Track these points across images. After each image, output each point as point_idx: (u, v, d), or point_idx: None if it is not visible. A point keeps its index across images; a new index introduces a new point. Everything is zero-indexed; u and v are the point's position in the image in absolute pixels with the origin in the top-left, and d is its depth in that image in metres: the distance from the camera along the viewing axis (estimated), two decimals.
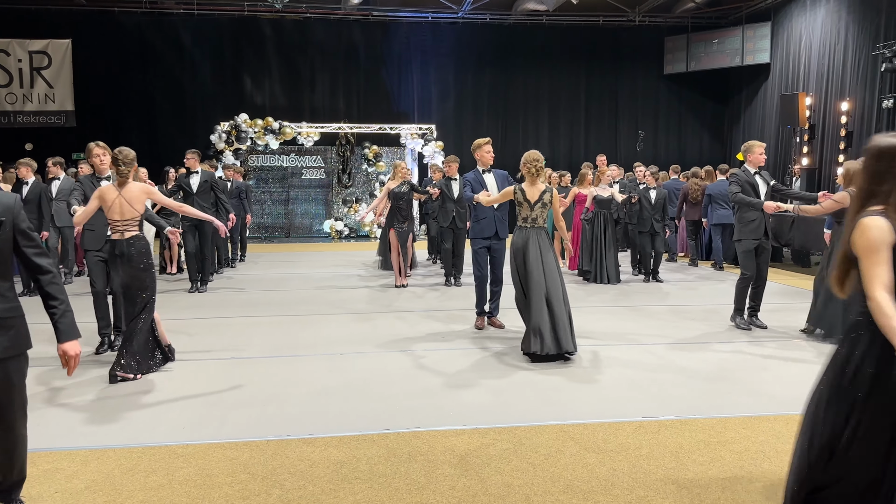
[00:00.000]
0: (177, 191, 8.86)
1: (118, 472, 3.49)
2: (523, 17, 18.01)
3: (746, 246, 6.64)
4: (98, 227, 5.82)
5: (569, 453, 3.69)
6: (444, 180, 9.35)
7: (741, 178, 6.68)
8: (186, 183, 8.84)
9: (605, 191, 9.66)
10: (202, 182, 8.82)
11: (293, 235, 17.29)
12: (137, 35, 17.24)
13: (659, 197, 9.96)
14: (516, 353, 5.81)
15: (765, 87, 17.38)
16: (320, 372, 5.31)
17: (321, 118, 17.40)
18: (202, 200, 8.74)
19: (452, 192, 9.18)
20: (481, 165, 6.75)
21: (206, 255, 9.09)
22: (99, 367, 5.44)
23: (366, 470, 3.51)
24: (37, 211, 8.80)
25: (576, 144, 19.28)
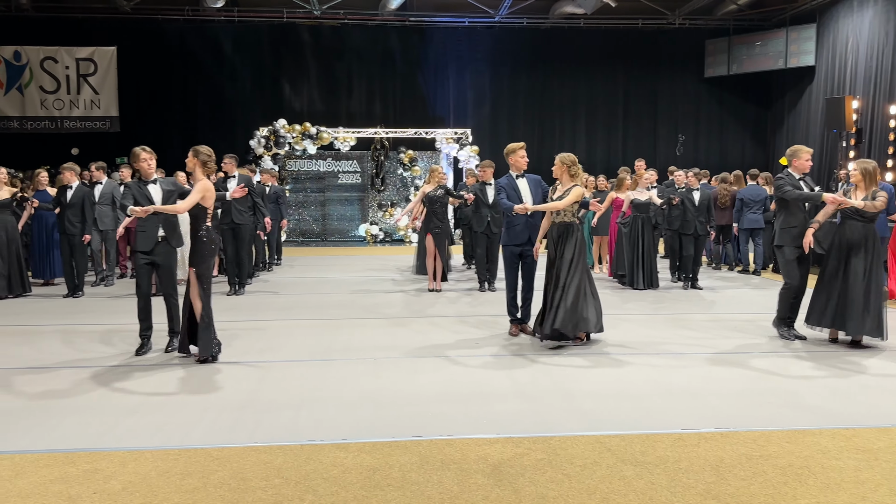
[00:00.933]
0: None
1: (154, 473, 3.53)
2: (560, 20, 17.90)
3: (789, 254, 6.39)
4: (149, 228, 5.89)
5: (605, 465, 3.62)
6: (479, 185, 9.24)
7: (787, 181, 6.41)
8: (224, 187, 8.72)
9: (642, 194, 9.43)
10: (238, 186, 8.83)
11: (329, 239, 17.42)
12: (179, 42, 17.62)
13: (703, 198, 9.65)
14: (552, 362, 5.74)
15: (809, 91, 16.97)
16: (354, 376, 5.31)
17: (358, 123, 17.54)
18: (239, 205, 8.81)
19: (487, 197, 9.08)
20: (514, 171, 6.62)
21: (242, 258, 9.15)
22: (138, 370, 5.53)
23: (398, 477, 3.48)
24: (80, 214, 9.01)
25: (613, 149, 19.08)
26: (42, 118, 17.42)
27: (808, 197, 6.27)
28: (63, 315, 7.81)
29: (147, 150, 6.06)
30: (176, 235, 6.07)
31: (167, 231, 5.97)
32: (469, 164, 16.10)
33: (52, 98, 17.40)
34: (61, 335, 6.73)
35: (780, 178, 6.51)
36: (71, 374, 5.37)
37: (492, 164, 9.33)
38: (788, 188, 6.31)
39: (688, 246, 9.70)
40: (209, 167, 5.81)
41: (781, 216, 6.48)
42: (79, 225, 9.01)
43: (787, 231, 6.37)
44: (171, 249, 6.04)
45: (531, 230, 6.51)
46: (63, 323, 7.37)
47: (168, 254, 6.00)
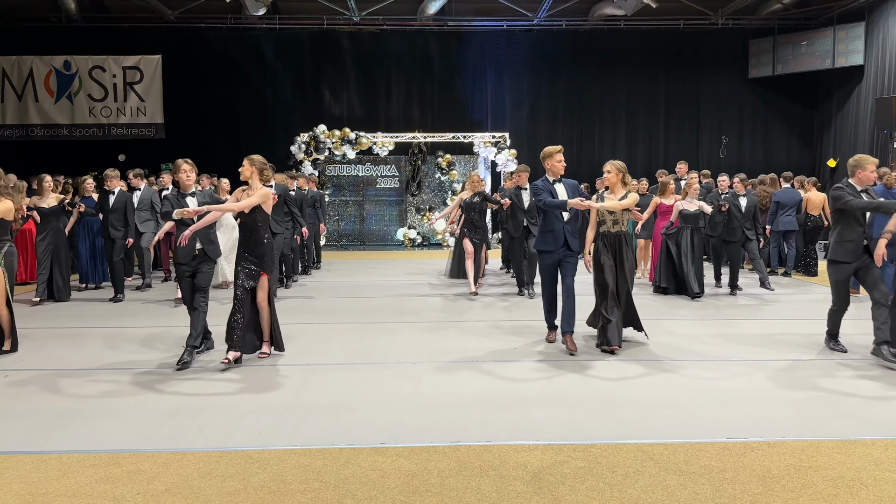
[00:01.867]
0: None
1: (196, 475, 3.57)
2: (600, 22, 17.72)
3: (840, 273, 5.91)
4: (190, 240, 5.89)
5: (648, 474, 3.54)
6: (515, 190, 9.08)
7: (847, 192, 5.82)
8: None
9: (692, 205, 9.06)
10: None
11: (367, 243, 17.53)
12: (222, 49, 17.94)
13: (749, 205, 9.45)
14: (591, 368, 5.66)
15: (858, 90, 16.47)
16: (392, 381, 5.31)
17: (396, 128, 17.62)
18: (274, 214, 8.55)
19: (523, 202, 8.94)
20: (551, 175, 6.32)
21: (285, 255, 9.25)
22: (181, 373, 5.61)
23: (436, 483, 3.46)
24: (123, 219, 9.20)
25: (654, 152, 18.80)
26: (90, 125, 17.91)
27: (880, 206, 5.76)
28: (106, 318, 7.99)
29: (189, 163, 6.13)
30: (214, 247, 6.09)
31: (204, 243, 5.99)
32: (507, 168, 16.03)
33: (100, 106, 17.88)
34: (105, 338, 6.88)
35: (839, 189, 5.92)
36: (115, 377, 5.48)
37: (527, 168, 9.17)
38: (850, 198, 5.75)
39: (733, 253, 9.52)
40: (266, 175, 5.96)
41: (837, 229, 5.96)
42: (122, 229, 9.19)
43: (840, 245, 5.88)
44: (211, 262, 6.06)
45: (569, 236, 6.22)
46: (107, 326, 7.54)
47: (207, 266, 5.99)
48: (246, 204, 5.74)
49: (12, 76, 17.57)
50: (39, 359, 6.05)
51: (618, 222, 6.19)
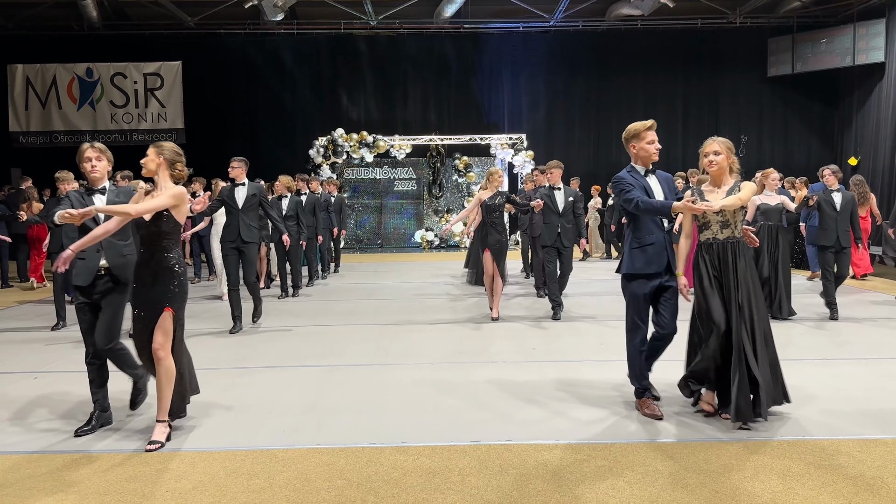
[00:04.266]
0: (218, 206, 7.53)
1: (223, 473, 3.65)
2: (617, 22, 17.69)
3: None
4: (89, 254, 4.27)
5: (667, 473, 3.56)
6: (547, 190, 7.99)
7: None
8: (231, 197, 7.34)
9: (772, 198, 7.57)
10: (249, 196, 7.34)
11: (385, 246, 17.64)
12: (241, 55, 18.16)
13: (846, 201, 7.60)
14: (611, 369, 5.68)
15: (879, 88, 16.29)
16: (411, 381, 5.37)
17: (413, 131, 17.73)
18: (249, 219, 7.33)
19: (557, 204, 7.85)
20: (641, 164, 4.52)
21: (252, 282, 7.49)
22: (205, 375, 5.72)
23: (458, 481, 3.51)
24: None
25: (672, 152, 18.70)
26: (112, 131, 18.19)
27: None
28: None
29: (94, 148, 4.41)
30: (124, 268, 4.32)
31: (111, 259, 4.29)
32: (525, 170, 16.07)
33: (122, 112, 18.17)
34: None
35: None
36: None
37: (560, 164, 8.07)
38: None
39: (827, 262, 7.66)
40: (179, 170, 4.20)
41: None
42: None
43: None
44: (119, 288, 4.28)
45: (671, 253, 4.49)
46: None
47: (112, 294, 4.28)
48: (148, 207, 3.98)
49: (36, 84, 17.91)
50: (66, 361, 6.17)
51: (728, 225, 4.30)
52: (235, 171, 7.37)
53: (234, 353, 6.41)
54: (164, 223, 4.06)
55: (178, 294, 4.10)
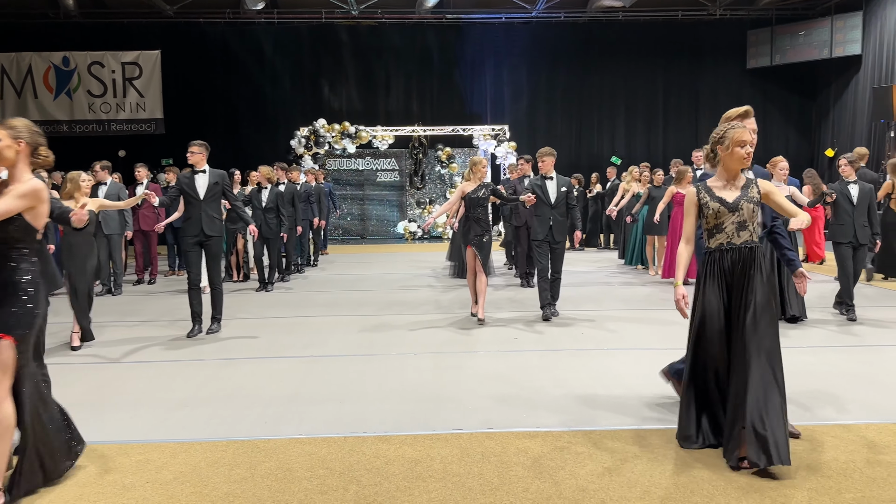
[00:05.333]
0: (177, 196, 6.85)
1: (204, 464, 3.65)
2: (599, 13, 17.75)
3: None
4: None
5: (646, 459, 3.62)
6: (538, 179, 7.40)
7: None
8: (190, 186, 6.59)
9: (781, 189, 6.45)
10: (211, 185, 6.61)
11: (368, 237, 17.61)
12: (221, 44, 18.00)
13: (864, 193, 7.09)
14: (591, 357, 5.74)
15: (856, 80, 16.52)
16: (394, 371, 5.39)
17: (395, 121, 17.69)
18: (211, 210, 6.61)
19: (549, 195, 7.24)
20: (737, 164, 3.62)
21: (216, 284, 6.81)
22: (187, 366, 5.69)
23: (440, 469, 3.54)
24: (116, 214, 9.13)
25: (654, 143, 18.86)
26: (90, 121, 17.97)
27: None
28: (103, 313, 8.07)
29: None
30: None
31: None
32: (507, 161, 16.09)
33: (100, 101, 17.94)
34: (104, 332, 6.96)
35: None
36: (120, 370, 5.56)
37: (553, 152, 7.40)
38: None
39: (844, 258, 7.06)
40: (44, 157, 3.34)
41: None
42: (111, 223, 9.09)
43: None
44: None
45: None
46: (103, 321, 7.62)
47: None
48: None
49: (11, 73, 17.63)
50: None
51: (746, 226, 3.56)
52: (196, 156, 6.57)
53: (215, 344, 6.38)
54: (13, 229, 3.16)
55: (21, 318, 3.14)
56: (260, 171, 9.42)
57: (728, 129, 3.55)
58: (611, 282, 9.97)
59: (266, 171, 9.39)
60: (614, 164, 14.68)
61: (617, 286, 9.59)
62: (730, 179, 3.63)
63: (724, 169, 3.62)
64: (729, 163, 3.58)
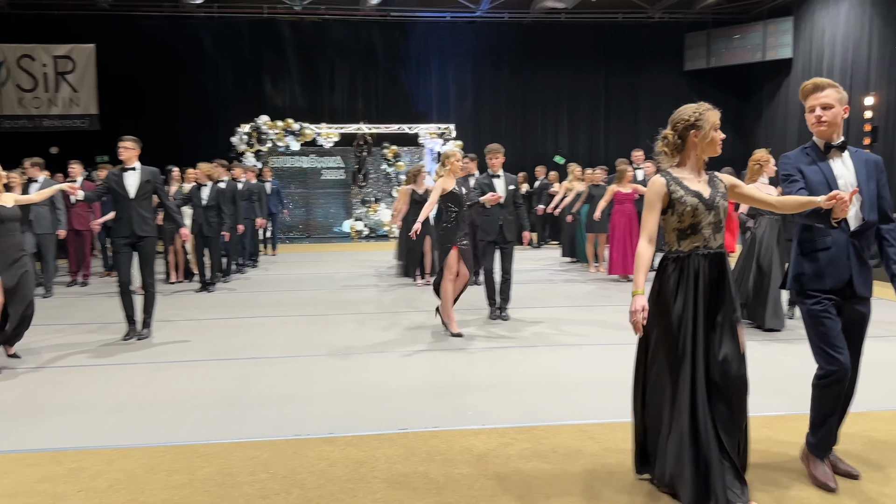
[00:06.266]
0: (104, 193, 6.63)
1: (141, 471, 3.54)
2: (542, 15, 17.97)
3: None
4: None
5: (588, 453, 3.68)
6: (486, 177, 7.09)
7: None
8: (119, 184, 6.30)
9: (765, 187, 6.47)
10: (142, 183, 6.32)
11: (313, 235, 17.41)
12: (159, 39, 17.49)
13: None
14: (539, 353, 5.80)
15: (787, 83, 17.16)
16: (339, 372, 5.34)
17: (340, 119, 17.53)
18: (143, 209, 6.32)
19: (496, 191, 6.90)
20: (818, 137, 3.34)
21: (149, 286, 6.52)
22: (124, 369, 5.52)
23: (385, 469, 3.52)
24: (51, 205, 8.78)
25: (595, 143, 19.21)
26: (20, 117, 17.24)
27: None
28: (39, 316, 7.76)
29: None
30: None
31: None
32: None
33: (30, 96, 17.22)
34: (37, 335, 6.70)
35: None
36: (53, 375, 5.35)
37: (501, 148, 7.06)
38: None
39: None
40: None
41: None
42: (42, 222, 8.77)
43: None
44: None
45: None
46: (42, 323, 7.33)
47: None
48: None
49: None
50: None
51: (721, 228, 3.09)
52: (129, 152, 6.27)
53: (153, 348, 6.21)
54: None
55: None
56: (199, 168, 9.18)
57: (706, 111, 3.12)
58: (554, 279, 10.11)
59: (206, 168, 9.16)
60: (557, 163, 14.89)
61: (560, 283, 9.73)
62: (697, 171, 3.13)
63: (694, 158, 3.12)
64: (702, 151, 3.10)
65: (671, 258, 3.11)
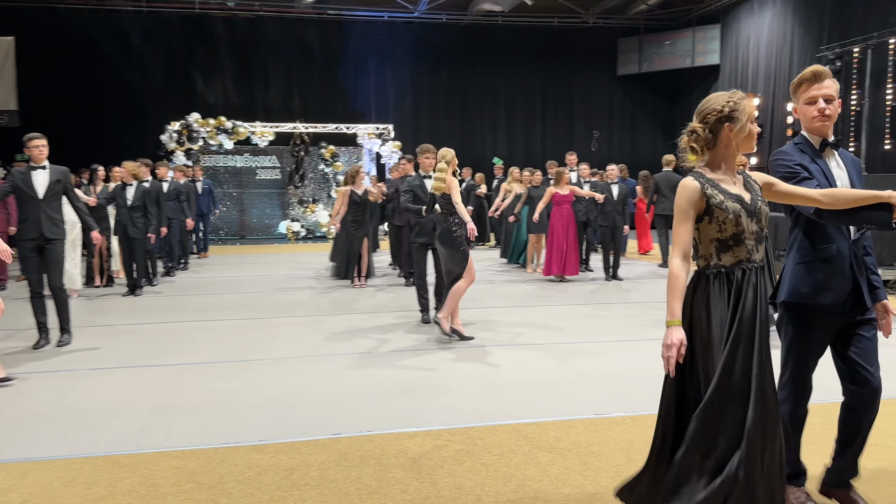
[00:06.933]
0: (8, 193, 6.19)
1: (57, 484, 3.37)
2: (479, 17, 18.08)
3: None
4: None
5: (521, 452, 3.70)
6: (417, 179, 6.97)
7: None
8: (27, 183, 5.99)
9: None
10: (52, 182, 6.06)
11: (248, 237, 17.04)
12: (85, 32, 16.78)
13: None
14: (473, 354, 5.81)
15: (715, 88, 17.74)
16: (272, 377, 5.22)
17: (276, 118, 17.19)
18: (52, 210, 6.04)
19: (429, 193, 6.62)
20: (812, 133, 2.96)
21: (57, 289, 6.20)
22: (41, 378, 5.26)
23: (316, 476, 3.45)
24: None
25: (532, 144, 19.44)
26: None
27: None
28: None
29: None
30: None
31: None
32: (392, 160, 16.05)
33: None
34: None
35: None
36: None
37: (433, 150, 6.82)
38: None
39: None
40: None
41: None
42: None
43: None
44: None
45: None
46: None
47: None
48: None
49: None
50: None
51: (763, 239, 2.64)
52: (40, 150, 6.04)
53: (73, 354, 5.93)
54: None
55: None
56: (124, 166, 8.84)
57: (741, 100, 2.59)
58: (494, 280, 10.16)
59: (130, 166, 8.82)
60: (496, 164, 14.99)
61: (500, 284, 9.79)
62: (732, 171, 2.64)
63: (729, 156, 2.62)
64: (737, 147, 2.61)
65: (711, 274, 2.56)
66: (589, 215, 10.50)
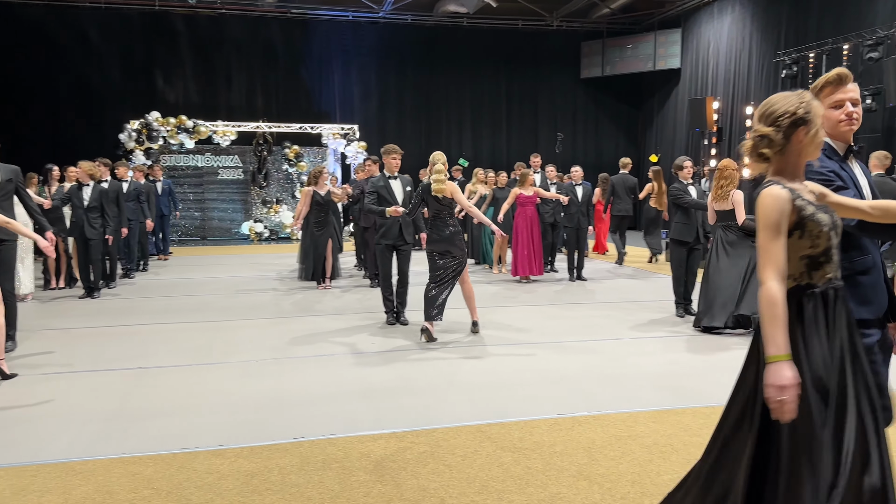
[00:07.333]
0: None
1: (8, 492, 3.26)
2: (444, 18, 18.09)
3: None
4: None
5: (485, 453, 3.70)
6: (382, 179, 6.96)
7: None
8: None
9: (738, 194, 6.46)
10: (3, 182, 5.92)
11: (209, 238, 16.77)
12: (40, 29, 16.32)
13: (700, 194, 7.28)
14: (438, 356, 5.80)
15: (676, 92, 18.05)
16: (233, 380, 5.14)
17: (238, 117, 16.95)
18: (3, 210, 5.83)
19: (394, 195, 6.85)
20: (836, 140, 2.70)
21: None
22: None
23: (277, 480, 3.40)
24: None
25: (497, 146, 19.51)
26: None
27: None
28: None
29: None
30: None
31: None
32: (357, 160, 15.97)
33: None
34: None
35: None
36: None
37: (399, 150, 7.00)
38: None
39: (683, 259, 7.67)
40: None
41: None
42: None
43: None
44: None
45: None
46: None
47: None
48: None
49: None
50: None
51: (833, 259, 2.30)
52: None
53: (27, 358, 5.76)
54: None
55: None
56: (80, 166, 8.59)
57: (812, 101, 2.28)
58: None
59: (87, 166, 8.58)
60: (461, 166, 15.01)
61: None
62: (801, 180, 2.33)
63: (799, 164, 2.32)
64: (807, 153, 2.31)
65: (805, 295, 2.24)
66: (556, 216, 10.62)
